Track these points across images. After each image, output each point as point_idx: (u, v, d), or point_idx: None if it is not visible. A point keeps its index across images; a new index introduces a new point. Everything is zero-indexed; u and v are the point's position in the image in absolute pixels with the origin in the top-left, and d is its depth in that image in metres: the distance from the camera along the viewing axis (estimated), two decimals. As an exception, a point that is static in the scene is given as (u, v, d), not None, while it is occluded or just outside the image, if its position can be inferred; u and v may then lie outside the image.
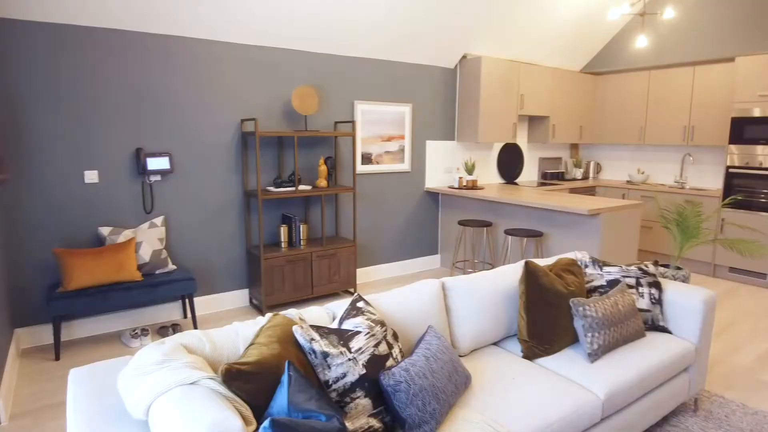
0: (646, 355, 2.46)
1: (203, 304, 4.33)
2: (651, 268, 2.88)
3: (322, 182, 4.52)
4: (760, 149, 5.15)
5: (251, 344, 1.66)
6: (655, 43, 6.22)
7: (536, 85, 6.06)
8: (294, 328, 1.70)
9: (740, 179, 5.32)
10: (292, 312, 1.91)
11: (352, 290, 4.83)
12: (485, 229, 5.21)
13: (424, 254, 5.80)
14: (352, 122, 4.64)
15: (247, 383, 1.47)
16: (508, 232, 4.51)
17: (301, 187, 4.42)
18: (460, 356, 2.43)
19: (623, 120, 6.61)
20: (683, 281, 4.29)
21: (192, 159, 4.11)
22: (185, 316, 4.27)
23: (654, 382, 2.43)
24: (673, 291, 2.81)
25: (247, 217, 4.44)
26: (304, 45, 4.49)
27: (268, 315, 1.84)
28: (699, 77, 5.82)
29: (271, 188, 4.34)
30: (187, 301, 4.19)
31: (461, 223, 4.96)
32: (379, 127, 5.17)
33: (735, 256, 5.38)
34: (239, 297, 4.51)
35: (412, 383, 1.74)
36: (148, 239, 3.79)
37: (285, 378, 1.45)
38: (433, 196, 5.79)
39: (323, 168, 4.51)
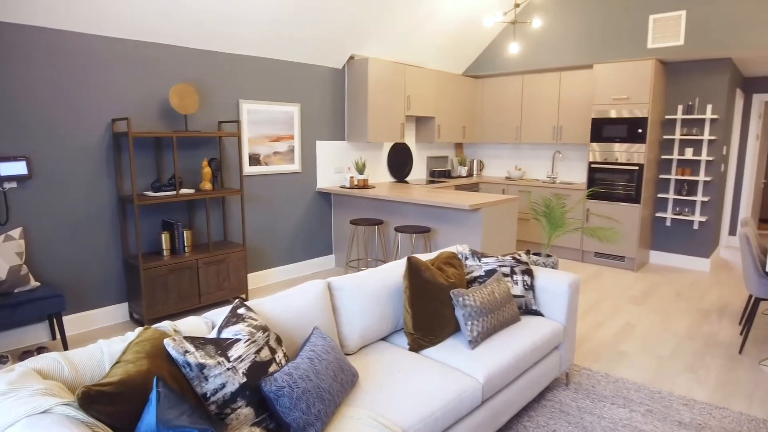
0: (521, 338, 2.66)
1: (76, 322, 3.94)
2: (524, 257, 3.11)
3: (207, 185, 4.32)
4: (616, 146, 5.78)
5: (116, 362, 1.54)
6: (527, 49, 6.73)
7: (422, 86, 6.28)
8: (165, 341, 1.61)
9: (601, 173, 5.93)
10: (165, 324, 1.80)
11: (243, 296, 4.67)
12: (377, 227, 5.31)
13: (318, 255, 5.78)
14: (238, 122, 4.48)
15: (110, 405, 1.36)
16: (398, 229, 4.63)
17: (183, 191, 4.18)
18: (349, 354, 2.45)
19: (501, 120, 7.08)
20: (552, 267, 4.69)
21: (55, 162, 3.72)
22: (54, 338, 3.86)
23: (529, 362, 2.63)
24: (543, 277, 3.06)
25: (123, 225, 4.11)
26: (182, 41, 4.25)
27: (138, 329, 1.72)
28: (564, 82, 6.40)
29: (150, 193, 4.06)
30: (55, 320, 3.79)
31: (353, 222, 5.00)
32: (266, 128, 5.05)
33: (598, 242, 5.99)
34: (118, 312, 4.17)
35: (296, 387, 1.72)
36: (4, 254, 3.37)
37: (153, 395, 1.36)
38: (325, 196, 5.78)
39: (207, 170, 4.31)
